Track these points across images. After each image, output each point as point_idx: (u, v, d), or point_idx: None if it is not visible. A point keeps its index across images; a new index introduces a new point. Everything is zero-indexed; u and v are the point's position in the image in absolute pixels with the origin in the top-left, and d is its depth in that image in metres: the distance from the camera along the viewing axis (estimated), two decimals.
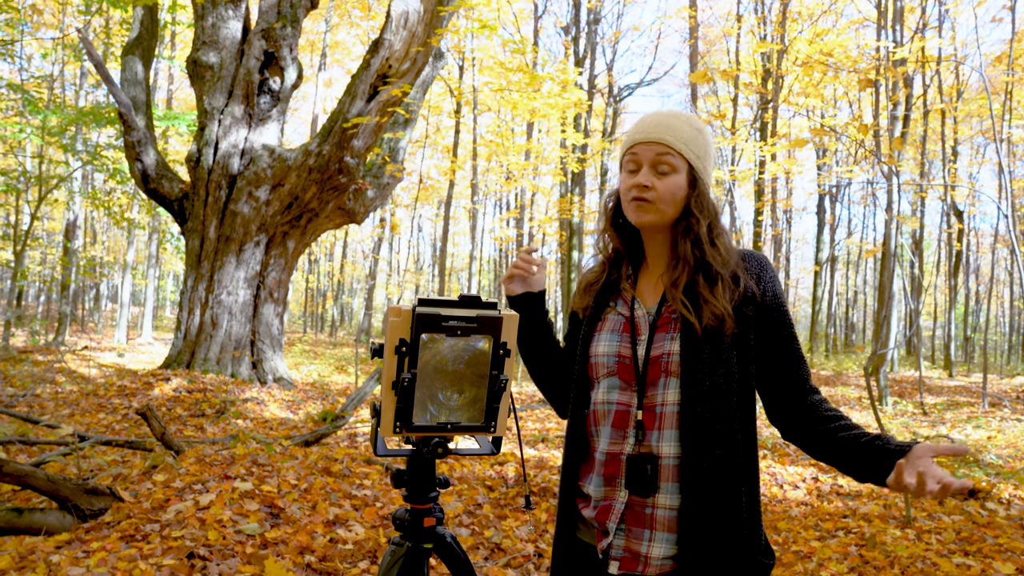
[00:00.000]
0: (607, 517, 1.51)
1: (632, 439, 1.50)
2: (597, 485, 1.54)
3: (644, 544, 1.47)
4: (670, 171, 1.53)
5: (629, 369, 1.53)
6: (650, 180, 1.53)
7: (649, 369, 1.51)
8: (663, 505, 1.47)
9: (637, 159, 1.56)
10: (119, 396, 8.59)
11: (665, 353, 1.49)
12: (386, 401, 1.38)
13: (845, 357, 26.08)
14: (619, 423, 1.52)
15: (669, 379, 1.49)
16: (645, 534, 1.47)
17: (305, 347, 23.73)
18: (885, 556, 3.99)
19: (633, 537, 1.48)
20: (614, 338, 1.57)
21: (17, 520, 3.56)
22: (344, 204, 11.13)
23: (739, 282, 1.52)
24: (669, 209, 1.54)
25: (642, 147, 1.55)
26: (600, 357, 1.57)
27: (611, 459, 1.52)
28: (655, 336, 1.52)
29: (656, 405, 1.49)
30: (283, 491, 4.24)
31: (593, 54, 19.86)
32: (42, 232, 27.78)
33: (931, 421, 9.94)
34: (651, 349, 1.52)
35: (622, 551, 1.49)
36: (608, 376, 1.56)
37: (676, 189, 1.54)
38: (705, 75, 5.39)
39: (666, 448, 1.47)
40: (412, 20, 9.95)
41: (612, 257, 1.67)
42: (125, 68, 10.99)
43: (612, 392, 1.54)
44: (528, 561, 3.87)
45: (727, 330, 1.47)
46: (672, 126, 1.55)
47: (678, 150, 1.53)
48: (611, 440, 1.52)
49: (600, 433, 1.55)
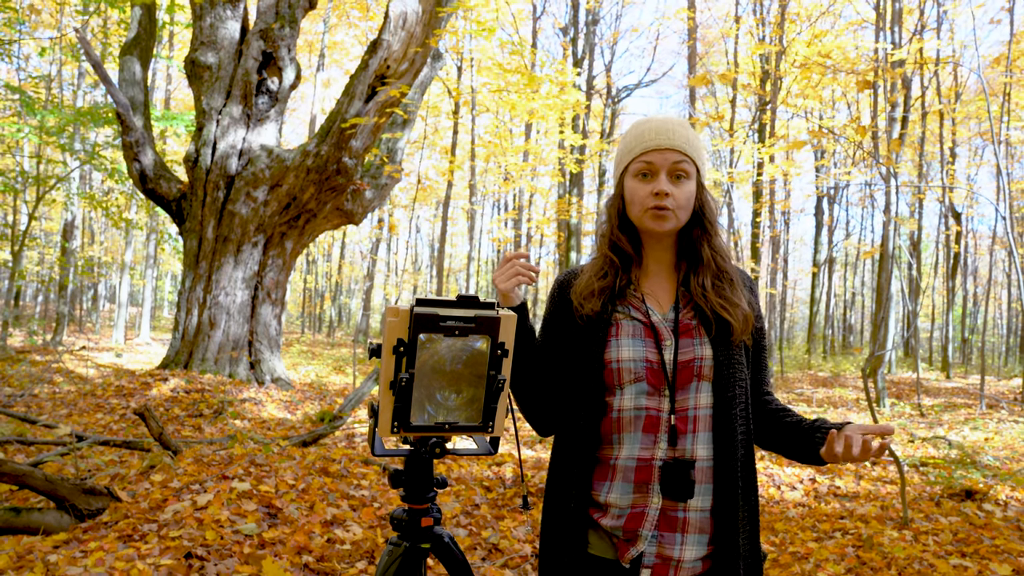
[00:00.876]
0: (639, 524, 1.49)
1: (664, 444, 1.50)
2: (623, 492, 1.51)
3: (676, 548, 1.48)
4: (685, 177, 1.57)
5: (658, 374, 1.53)
6: (669, 188, 1.54)
7: (680, 374, 1.53)
8: (695, 507, 1.49)
9: (652, 166, 1.56)
10: (117, 396, 8.58)
11: (697, 358, 1.53)
12: (384, 401, 1.38)
13: (843, 358, 26.08)
14: (650, 428, 1.52)
15: (701, 383, 1.53)
16: (677, 538, 1.48)
17: (303, 348, 23.71)
18: (882, 557, 4.00)
19: (665, 543, 1.48)
20: (638, 343, 1.55)
21: (15, 520, 3.55)
22: (342, 205, 11.13)
23: (745, 290, 1.64)
24: (684, 215, 1.58)
25: (657, 154, 1.55)
26: (625, 363, 1.54)
27: (642, 465, 1.51)
28: (680, 341, 1.55)
29: (688, 409, 1.52)
30: (281, 491, 4.23)
31: (591, 55, 19.88)
32: (40, 232, 27.74)
33: (928, 423, 9.95)
34: (679, 354, 1.54)
35: (654, 558, 1.48)
36: (636, 382, 1.53)
37: (691, 195, 1.58)
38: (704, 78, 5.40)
39: (701, 451, 1.51)
40: (410, 21, 9.96)
41: (618, 264, 1.63)
42: (123, 68, 10.98)
43: (640, 398, 1.53)
44: (525, 562, 3.87)
45: (744, 335, 1.56)
46: (681, 133, 1.57)
47: (692, 156, 1.57)
48: (641, 445, 1.51)
49: (624, 440, 1.53)
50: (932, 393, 14.29)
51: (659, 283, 1.62)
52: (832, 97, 23.76)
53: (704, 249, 1.59)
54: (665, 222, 1.55)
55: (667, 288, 1.62)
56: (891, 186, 9.89)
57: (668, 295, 1.61)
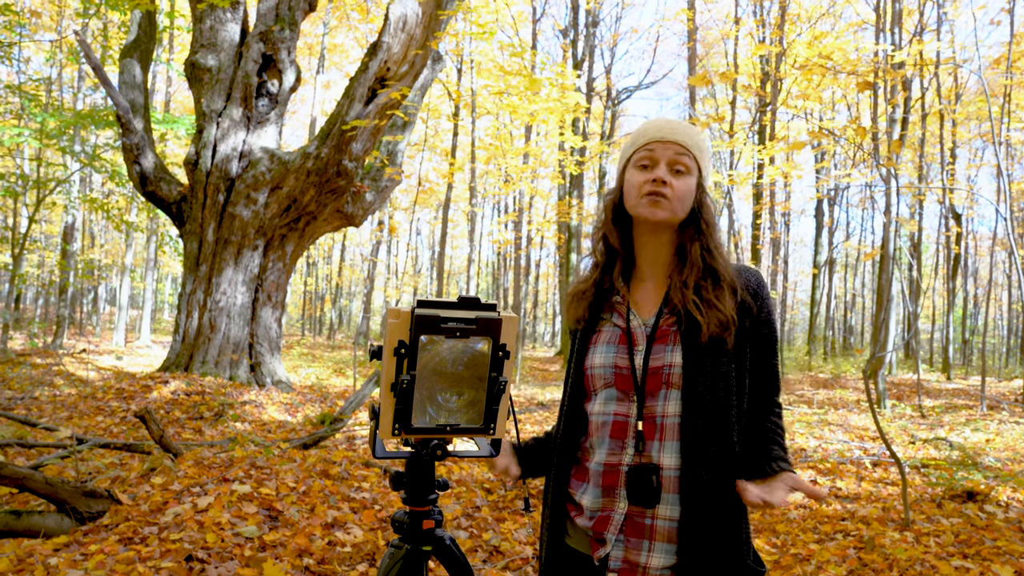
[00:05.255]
0: (605, 528, 1.50)
1: (631, 450, 1.50)
2: (594, 496, 1.53)
3: (643, 555, 1.47)
4: (686, 171, 1.55)
5: (627, 380, 1.53)
6: (668, 177, 1.54)
7: (648, 380, 1.50)
8: (663, 516, 1.47)
9: (653, 156, 1.56)
10: (117, 399, 8.58)
11: (666, 364, 1.49)
12: (385, 403, 1.38)
13: (843, 360, 26.09)
14: (617, 434, 1.52)
15: (670, 391, 1.49)
16: (644, 544, 1.47)
17: (303, 350, 23.71)
18: (884, 559, 3.99)
19: (632, 548, 1.48)
20: (610, 349, 1.57)
21: (15, 523, 3.55)
22: (342, 207, 11.13)
23: (737, 293, 1.53)
24: (681, 210, 1.55)
25: (659, 145, 1.56)
26: (596, 369, 1.57)
27: (609, 470, 1.51)
28: (653, 347, 1.52)
29: (656, 416, 1.49)
30: (281, 494, 4.23)
31: (591, 57, 19.90)
32: (40, 235, 27.76)
33: (929, 424, 9.94)
34: (649, 360, 1.51)
35: (620, 562, 1.49)
36: (606, 387, 1.55)
37: (689, 191, 1.56)
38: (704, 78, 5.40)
39: (667, 459, 1.48)
40: (410, 23, 9.97)
41: (604, 262, 1.65)
42: (123, 71, 10.98)
43: (610, 403, 1.54)
44: (526, 564, 3.86)
45: (729, 341, 1.48)
46: (687, 131, 1.58)
47: (694, 153, 1.56)
48: (609, 451, 1.52)
49: (596, 444, 1.55)
50: (933, 394, 14.28)
51: (650, 288, 1.60)
52: (832, 99, 23.77)
53: (694, 248, 1.55)
54: (659, 209, 1.53)
55: (656, 293, 1.59)
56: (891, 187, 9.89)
57: (655, 300, 1.58)
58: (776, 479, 1.42)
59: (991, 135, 8.91)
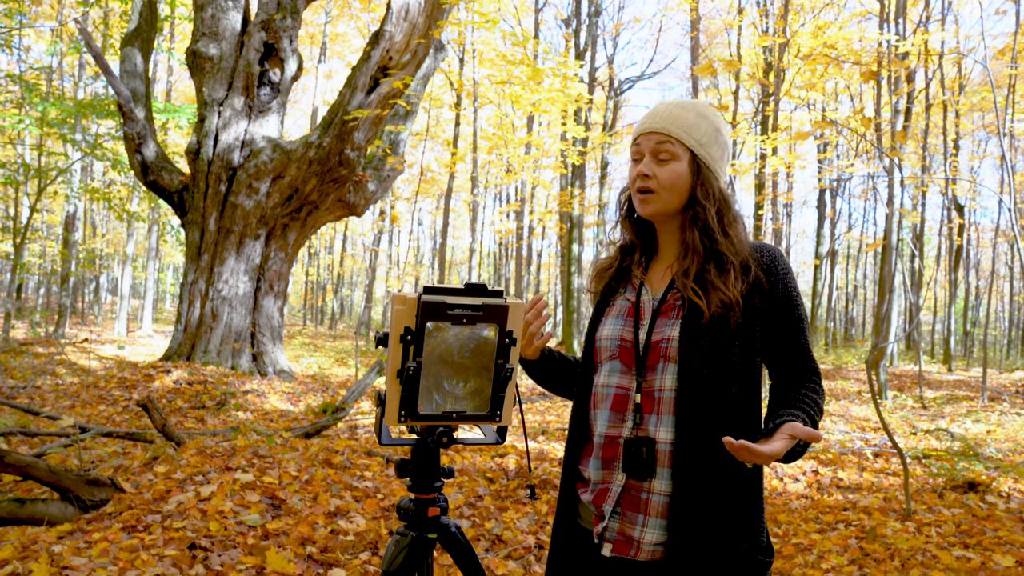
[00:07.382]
0: (603, 500, 1.52)
1: (630, 422, 1.51)
2: (596, 468, 1.55)
3: (637, 529, 1.47)
4: (670, 159, 1.54)
5: (630, 353, 1.54)
6: (651, 169, 1.54)
7: (649, 353, 1.52)
8: (658, 491, 1.47)
9: (639, 149, 1.58)
10: (119, 388, 8.59)
11: (665, 338, 1.50)
12: (391, 390, 1.37)
13: (845, 351, 26.09)
14: (617, 406, 1.53)
15: (667, 364, 1.49)
16: (639, 519, 1.47)
17: (305, 340, 23.74)
18: (885, 548, 4.00)
19: (627, 521, 1.49)
20: (618, 322, 1.59)
21: (19, 510, 3.56)
22: (344, 196, 11.11)
23: (749, 272, 1.51)
24: (673, 198, 1.55)
25: (643, 137, 1.57)
26: (604, 340, 1.60)
27: (609, 442, 1.53)
28: (657, 321, 1.53)
29: (655, 390, 1.50)
30: (284, 482, 4.24)
31: (594, 47, 19.81)
32: (42, 224, 27.75)
33: (931, 415, 9.95)
34: (652, 334, 1.53)
35: (616, 534, 1.50)
36: (610, 359, 1.58)
37: (676, 177, 1.54)
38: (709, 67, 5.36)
39: (663, 433, 1.48)
40: (413, 12, 9.92)
41: (627, 246, 1.69)
42: (124, 60, 10.94)
43: (613, 375, 1.56)
44: (529, 552, 3.87)
45: (732, 319, 1.47)
46: (673, 114, 1.55)
47: (677, 137, 1.53)
48: (609, 423, 1.54)
49: (599, 416, 1.57)
50: (934, 386, 14.29)
51: (665, 266, 1.62)
52: (835, 89, 23.67)
53: (691, 233, 1.53)
54: (646, 204, 1.56)
55: (667, 272, 1.61)
56: (894, 178, 9.85)
57: (666, 279, 1.60)
58: (776, 433, 1.36)
59: (995, 126, 8.87)
